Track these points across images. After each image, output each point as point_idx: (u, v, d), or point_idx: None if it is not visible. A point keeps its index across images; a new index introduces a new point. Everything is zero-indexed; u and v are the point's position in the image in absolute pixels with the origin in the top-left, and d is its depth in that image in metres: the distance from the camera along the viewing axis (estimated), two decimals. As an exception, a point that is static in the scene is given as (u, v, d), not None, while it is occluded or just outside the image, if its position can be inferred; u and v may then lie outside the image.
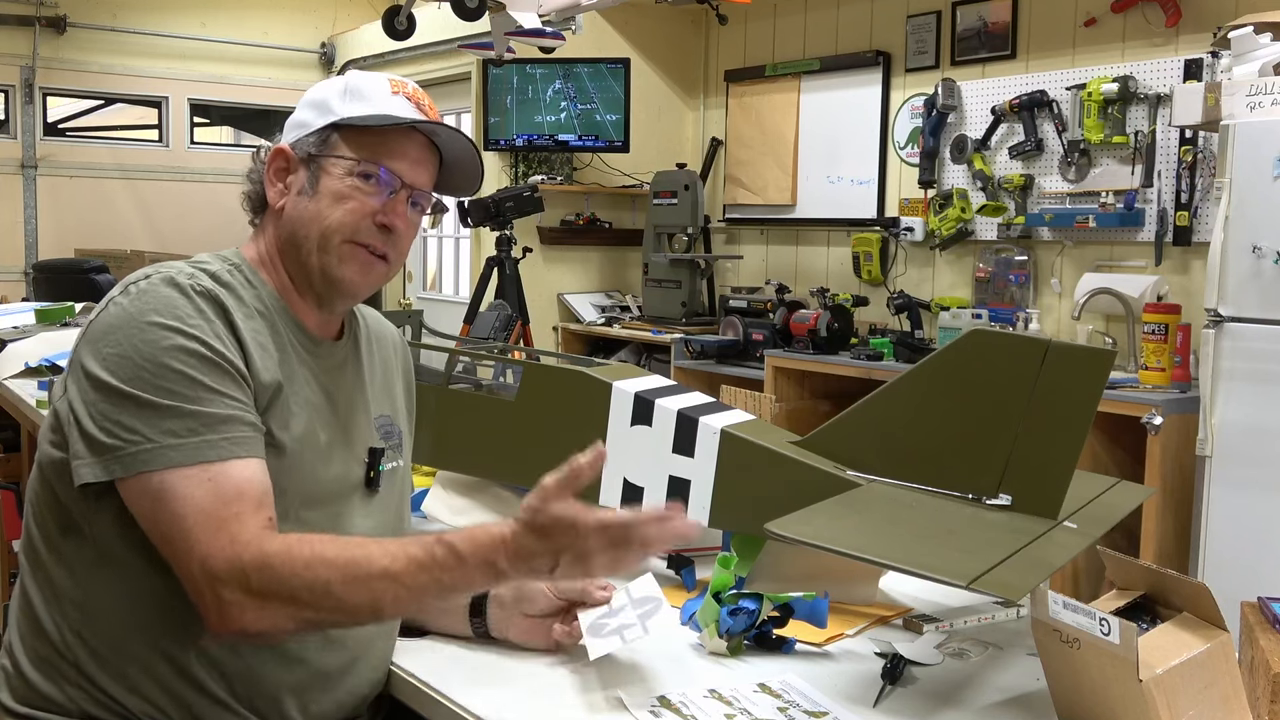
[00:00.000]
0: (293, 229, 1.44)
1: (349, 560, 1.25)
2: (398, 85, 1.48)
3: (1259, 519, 3.31)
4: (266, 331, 1.40)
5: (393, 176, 1.44)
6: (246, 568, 1.24)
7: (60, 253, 7.10)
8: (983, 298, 4.98)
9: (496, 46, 5.10)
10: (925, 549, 1.42)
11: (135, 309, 1.33)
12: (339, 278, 1.44)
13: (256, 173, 1.49)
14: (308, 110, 1.47)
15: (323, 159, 1.43)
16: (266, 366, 1.37)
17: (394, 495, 1.55)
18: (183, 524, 1.26)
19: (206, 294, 1.35)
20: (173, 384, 1.29)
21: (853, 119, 5.59)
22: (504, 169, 6.30)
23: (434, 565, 1.24)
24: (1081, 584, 3.84)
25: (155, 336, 1.30)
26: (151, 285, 1.35)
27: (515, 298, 5.19)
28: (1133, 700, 1.21)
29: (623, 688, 1.41)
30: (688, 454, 1.73)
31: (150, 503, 1.27)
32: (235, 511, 1.27)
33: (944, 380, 1.60)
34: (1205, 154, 4.18)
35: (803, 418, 4.75)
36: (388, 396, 1.59)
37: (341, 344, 1.52)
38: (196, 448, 1.27)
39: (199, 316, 1.33)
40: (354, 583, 1.24)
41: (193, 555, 1.25)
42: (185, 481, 1.27)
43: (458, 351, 2.07)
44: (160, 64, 7.63)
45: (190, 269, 1.39)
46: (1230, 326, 3.36)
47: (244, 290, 1.41)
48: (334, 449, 1.44)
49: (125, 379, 1.29)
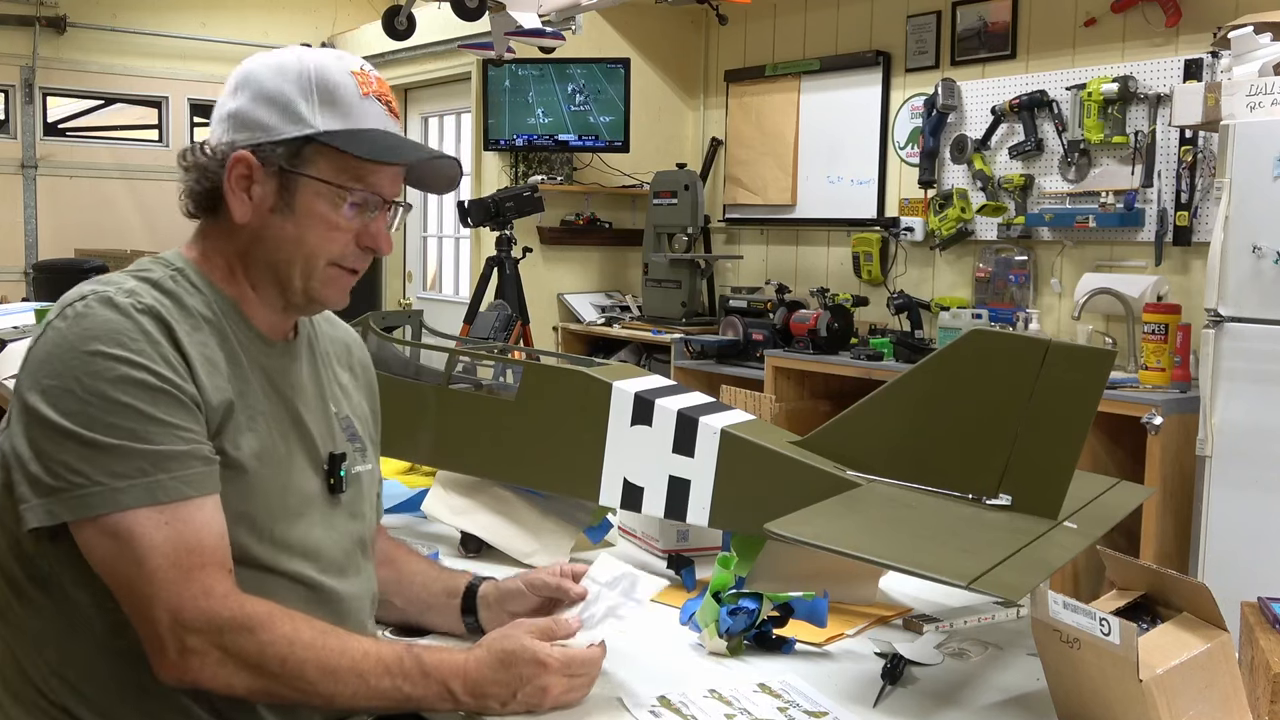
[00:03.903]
0: (266, 248, 1.37)
1: (325, 647, 1.27)
2: (365, 82, 1.37)
3: (1259, 519, 3.31)
4: (215, 341, 1.34)
5: (376, 198, 1.38)
6: (224, 625, 1.23)
7: (60, 253, 7.10)
8: (983, 298, 4.98)
9: (496, 46, 5.10)
10: (925, 549, 1.42)
11: (75, 335, 1.25)
12: (322, 299, 1.41)
13: (206, 173, 1.36)
14: (264, 109, 1.34)
15: (299, 176, 1.34)
16: (216, 385, 1.31)
17: (361, 499, 1.51)
18: (143, 568, 1.22)
19: (149, 311, 1.28)
20: (119, 418, 1.23)
21: (853, 119, 5.59)
22: (504, 169, 6.30)
23: (400, 674, 1.29)
24: (1081, 584, 3.84)
25: (98, 367, 1.23)
26: (89, 308, 1.27)
27: (515, 298, 5.19)
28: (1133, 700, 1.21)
29: (623, 688, 1.41)
30: (688, 454, 1.73)
31: (105, 546, 1.23)
32: (200, 561, 1.24)
33: (944, 380, 1.60)
34: (1205, 154, 4.18)
35: (803, 418, 4.74)
36: (347, 398, 1.54)
37: (295, 342, 1.46)
38: (148, 489, 1.23)
39: (144, 339, 1.26)
40: (326, 672, 1.26)
41: (157, 601, 1.22)
42: (141, 525, 1.22)
43: (458, 351, 2.06)
44: (160, 64, 7.63)
45: (131, 282, 1.32)
46: (1230, 326, 3.36)
47: (189, 297, 1.34)
48: (295, 458, 1.40)
49: (67, 414, 1.22)
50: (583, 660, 1.37)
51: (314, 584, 1.38)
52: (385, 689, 1.28)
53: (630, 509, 1.79)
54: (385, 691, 1.28)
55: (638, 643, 1.59)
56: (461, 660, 1.33)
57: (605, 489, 1.79)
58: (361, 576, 1.49)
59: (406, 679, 1.29)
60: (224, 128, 1.36)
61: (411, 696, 1.30)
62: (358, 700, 1.29)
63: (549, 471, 1.86)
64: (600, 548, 2.02)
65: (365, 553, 1.51)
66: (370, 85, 1.38)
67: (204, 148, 1.37)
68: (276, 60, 1.37)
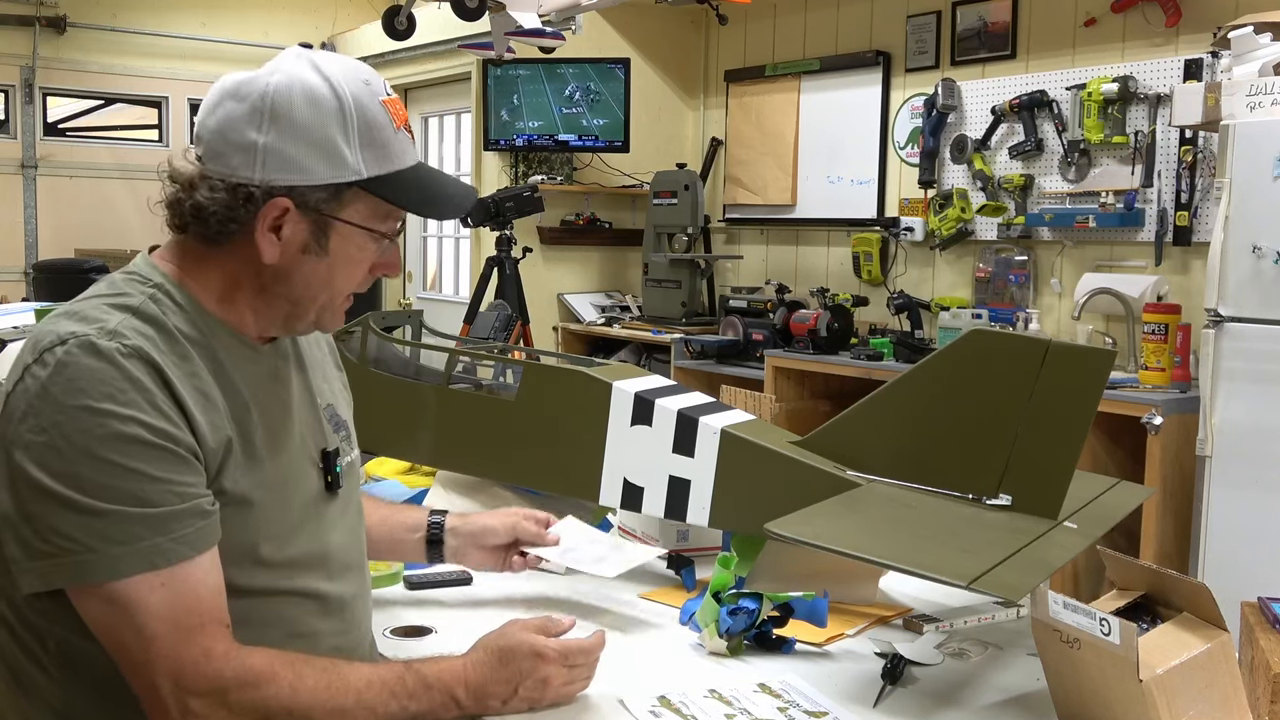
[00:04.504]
0: (291, 286, 1.32)
1: (329, 687, 1.26)
2: (395, 113, 1.31)
3: (1259, 519, 3.31)
4: (204, 365, 1.27)
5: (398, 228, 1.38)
6: (228, 685, 1.21)
7: (60, 253, 7.09)
8: (983, 298, 4.97)
9: (496, 46, 5.10)
10: (925, 549, 1.42)
11: (59, 389, 1.17)
12: (327, 326, 1.41)
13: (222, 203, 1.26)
14: (303, 148, 1.25)
15: (337, 222, 1.29)
16: (213, 424, 1.25)
17: (353, 490, 1.51)
18: (143, 634, 1.19)
19: (136, 354, 1.20)
20: (112, 479, 1.16)
21: (853, 119, 5.59)
22: (504, 169, 6.30)
23: (404, 694, 1.30)
24: (1081, 584, 3.84)
25: (87, 424, 1.16)
26: (71, 356, 1.18)
27: (515, 298, 5.19)
28: (1133, 700, 1.21)
29: (623, 688, 1.41)
30: (688, 454, 1.73)
31: (102, 611, 1.19)
32: (199, 621, 1.21)
33: (944, 380, 1.60)
34: (1205, 154, 4.18)
35: (803, 418, 4.74)
36: (328, 384, 1.53)
37: (279, 342, 1.42)
38: (146, 554, 1.18)
39: (133, 389, 1.18)
40: (333, 712, 1.25)
41: (157, 666, 1.19)
42: (138, 590, 1.18)
43: (458, 351, 2.06)
44: (160, 64, 7.63)
45: (112, 319, 1.23)
46: (1230, 326, 3.36)
47: (173, 316, 1.27)
48: (292, 464, 1.38)
49: (56, 475, 1.15)
50: (581, 649, 1.38)
51: (322, 596, 1.38)
52: (393, 712, 1.28)
53: (630, 509, 1.79)
54: (393, 715, 1.29)
55: (638, 643, 1.59)
56: (460, 666, 1.34)
57: (605, 489, 1.79)
58: (364, 569, 1.50)
59: (411, 697, 1.29)
60: (249, 161, 1.25)
61: (418, 713, 1.30)
62: None
63: (549, 471, 1.86)
64: (600, 548, 2.02)
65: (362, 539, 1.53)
66: (400, 115, 1.32)
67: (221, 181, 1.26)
68: (304, 87, 1.26)
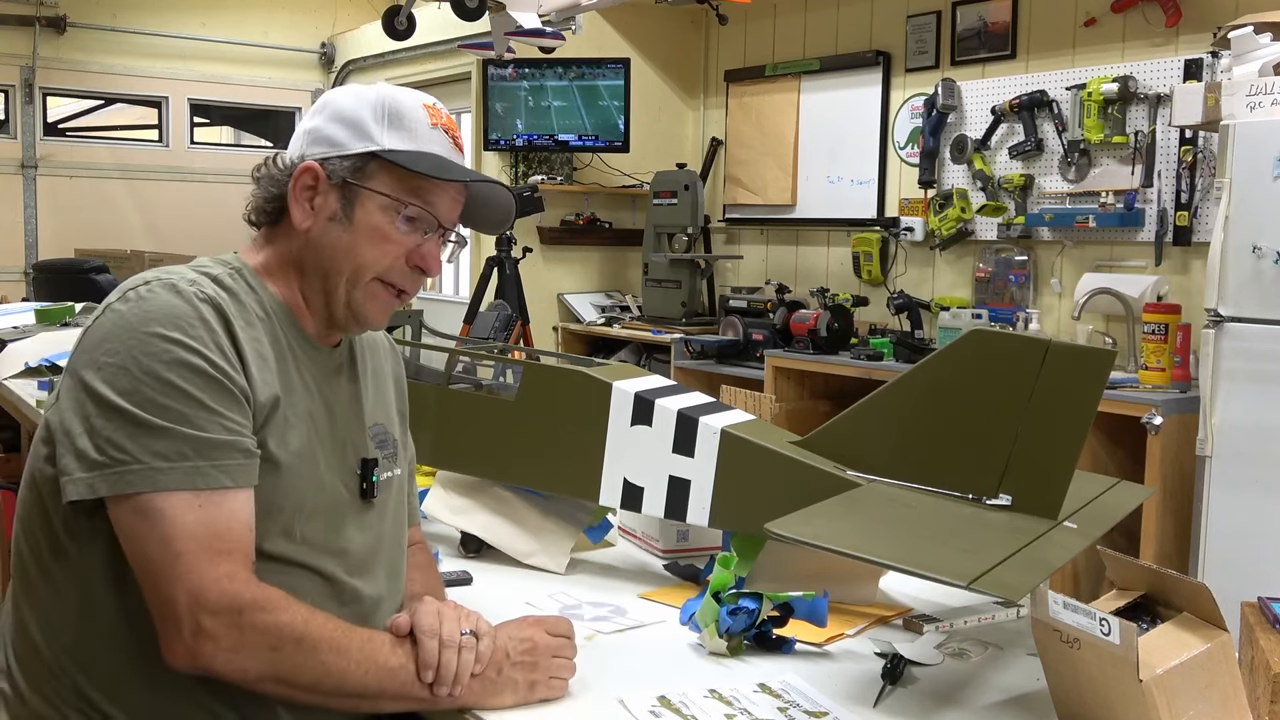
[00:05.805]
0: (320, 256, 1.41)
1: (336, 627, 1.29)
2: (435, 115, 1.44)
3: (1259, 519, 3.31)
4: (267, 339, 1.38)
5: (432, 218, 1.42)
6: (244, 606, 1.24)
7: (60, 253, 7.10)
8: (983, 298, 4.98)
9: (496, 46, 5.10)
10: (925, 549, 1.42)
11: (135, 317, 1.29)
12: (364, 314, 1.44)
13: (275, 183, 1.43)
14: (337, 126, 1.41)
15: (360, 189, 1.39)
16: (265, 380, 1.34)
17: (391, 505, 1.53)
18: (170, 548, 1.24)
19: (209, 301, 1.32)
20: (170, 400, 1.26)
21: (853, 119, 5.59)
22: (504, 169, 6.30)
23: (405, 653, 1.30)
24: (1081, 584, 3.84)
25: (156, 348, 1.27)
26: (152, 291, 1.31)
27: (515, 298, 5.19)
28: (1133, 700, 1.21)
29: (623, 688, 1.41)
30: (688, 454, 1.73)
31: (137, 523, 1.25)
32: (227, 548, 1.26)
33: (944, 380, 1.60)
34: (1205, 154, 4.18)
35: (803, 418, 4.75)
36: (382, 405, 1.57)
37: (338, 350, 1.50)
38: (187, 473, 1.25)
39: (201, 326, 1.30)
40: (337, 650, 1.28)
41: (178, 580, 1.23)
42: (174, 506, 1.25)
43: (458, 351, 2.06)
44: (160, 64, 7.63)
45: (193, 274, 1.36)
46: (1230, 326, 3.36)
47: (246, 295, 1.39)
48: (330, 459, 1.43)
49: (122, 392, 1.26)
50: (554, 618, 1.43)
51: (335, 580, 1.40)
52: (393, 667, 1.29)
53: (630, 509, 1.79)
54: (393, 670, 1.29)
55: (638, 643, 1.59)
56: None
57: (605, 489, 1.79)
58: (387, 579, 1.50)
59: (410, 657, 1.30)
60: (300, 144, 1.43)
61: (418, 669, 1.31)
62: (369, 680, 1.28)
63: (549, 471, 1.86)
64: (601, 548, 2.02)
65: (396, 556, 1.53)
66: (440, 119, 1.44)
67: (277, 160, 1.44)
68: (357, 89, 1.45)
